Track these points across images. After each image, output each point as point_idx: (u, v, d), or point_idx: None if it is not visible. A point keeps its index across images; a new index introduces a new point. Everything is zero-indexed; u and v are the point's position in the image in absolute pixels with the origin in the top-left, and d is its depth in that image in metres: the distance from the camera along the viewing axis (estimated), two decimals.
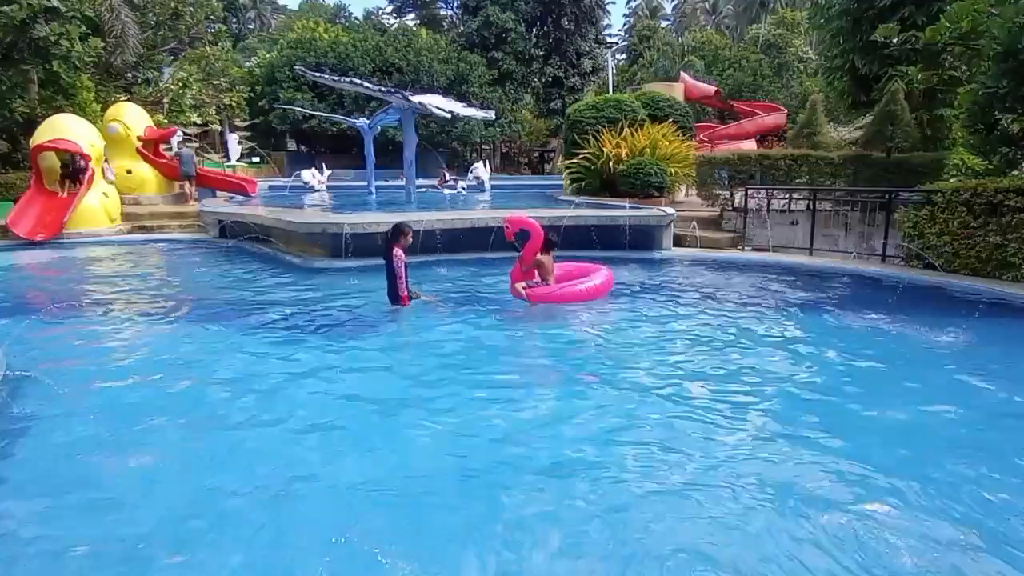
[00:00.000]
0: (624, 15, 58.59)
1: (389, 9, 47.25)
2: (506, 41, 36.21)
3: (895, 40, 11.21)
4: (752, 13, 48.59)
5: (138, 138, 16.43)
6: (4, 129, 16.72)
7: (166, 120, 22.07)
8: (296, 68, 22.84)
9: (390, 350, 5.93)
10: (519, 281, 7.57)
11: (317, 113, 27.69)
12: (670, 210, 11.75)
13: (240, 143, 27.21)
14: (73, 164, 13.94)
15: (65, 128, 13.86)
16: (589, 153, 15.36)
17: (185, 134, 23.49)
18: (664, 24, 54.34)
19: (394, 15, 46.58)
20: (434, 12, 46.31)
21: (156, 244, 13.36)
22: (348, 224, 9.85)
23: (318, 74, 18.37)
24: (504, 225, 7.78)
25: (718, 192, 13.27)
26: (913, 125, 13.00)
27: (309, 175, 21.69)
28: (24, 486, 3.58)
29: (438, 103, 15.58)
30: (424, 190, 19.54)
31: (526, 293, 7.44)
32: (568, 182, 16.73)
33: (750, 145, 21.80)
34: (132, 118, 16.48)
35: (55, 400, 4.67)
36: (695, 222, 12.30)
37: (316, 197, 18.84)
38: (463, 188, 21.38)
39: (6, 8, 14.73)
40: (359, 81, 16.54)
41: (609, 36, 48.46)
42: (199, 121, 25.44)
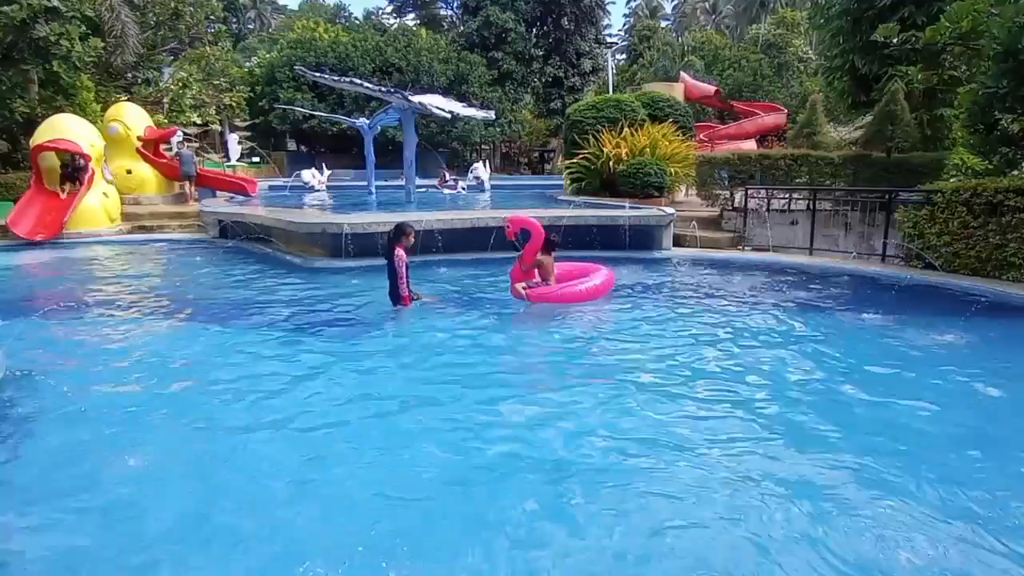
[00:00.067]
0: (624, 15, 58.70)
1: (389, 9, 47.29)
2: (506, 41, 36.21)
3: (895, 40, 11.21)
4: (752, 13, 48.58)
5: (138, 138, 16.43)
6: (4, 129, 16.72)
7: (166, 120, 22.07)
8: (296, 68, 22.84)
9: (391, 352, 5.91)
10: (519, 281, 7.57)
11: (317, 113, 27.68)
12: (670, 210, 11.75)
13: (240, 143, 27.20)
14: (73, 163, 13.94)
15: (65, 128, 13.86)
16: (589, 153, 15.35)
17: (185, 134, 23.50)
18: (664, 24, 54.36)
19: (394, 15, 46.60)
20: (434, 12, 46.31)
21: (156, 244, 13.35)
22: (348, 224, 9.86)
23: (318, 74, 18.36)
24: (505, 224, 7.78)
25: (718, 192, 13.27)
26: (913, 125, 13.00)
27: (309, 175, 21.68)
28: (24, 489, 3.54)
29: (438, 103, 15.57)
30: (424, 190, 19.54)
31: (526, 293, 7.45)
32: (568, 182, 16.73)
33: (750, 145, 21.80)
34: (132, 118, 16.47)
35: (55, 400, 4.67)
36: (695, 222, 12.30)
37: (316, 197, 18.84)
38: (463, 188, 21.38)
39: (6, 8, 14.74)
40: (359, 81, 16.53)
41: (609, 36, 48.51)
42: (199, 121, 25.43)
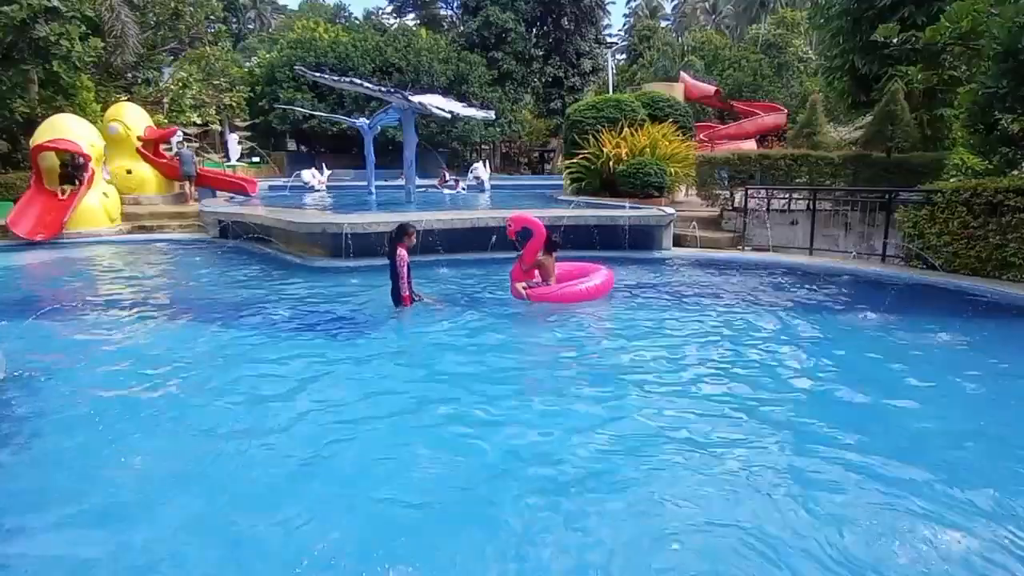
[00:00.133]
0: (624, 15, 58.70)
1: (389, 9, 47.30)
2: (506, 41, 36.21)
3: (895, 40, 11.21)
4: (752, 13, 48.59)
5: (138, 138, 16.44)
6: (4, 129, 16.72)
7: (166, 120, 22.07)
8: (296, 68, 22.82)
9: (391, 353, 5.89)
10: (519, 281, 7.57)
11: (317, 113, 27.68)
12: (670, 210, 11.75)
13: (240, 143, 27.19)
14: (72, 163, 13.94)
15: (65, 128, 13.86)
16: (589, 153, 15.36)
17: (185, 134, 23.49)
18: (664, 24, 54.37)
19: (394, 15, 46.61)
20: (434, 12, 46.32)
21: (156, 244, 13.35)
22: (348, 224, 9.86)
23: (318, 74, 18.34)
24: (507, 223, 7.77)
25: (718, 192, 13.27)
26: (913, 125, 13.00)
27: (309, 175, 21.70)
28: (24, 491, 3.51)
29: (438, 103, 15.56)
30: (424, 190, 19.53)
31: (527, 293, 7.44)
32: (568, 182, 16.73)
33: (750, 145, 21.80)
34: (132, 118, 16.48)
35: (55, 401, 4.67)
36: (695, 222, 12.31)
37: (316, 197, 18.84)
38: (463, 188, 21.38)
39: (6, 8, 14.74)
40: (359, 81, 16.52)
41: (609, 36, 48.53)
42: (199, 121, 25.43)
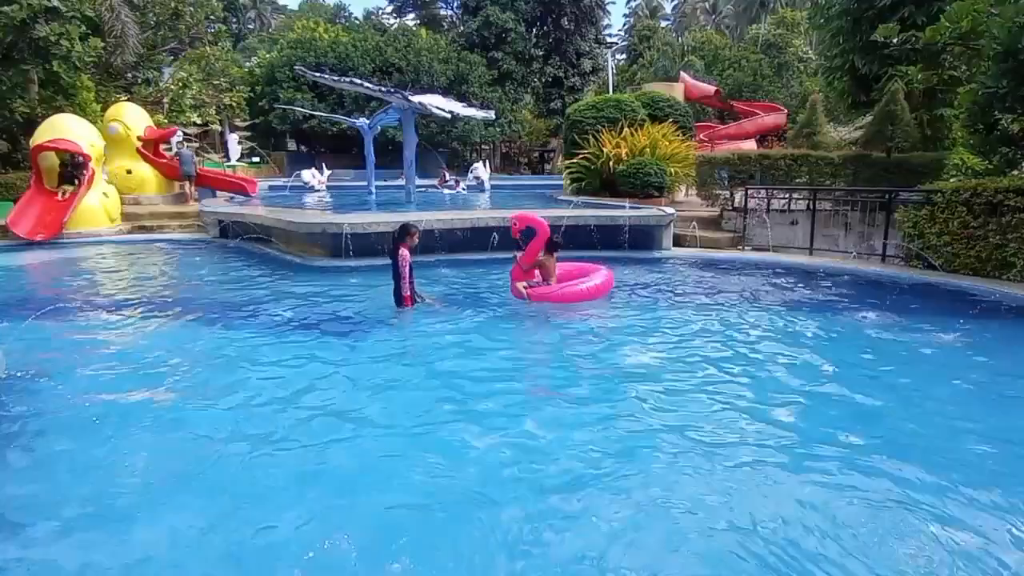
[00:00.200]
0: (624, 15, 58.71)
1: (389, 9, 47.29)
2: (506, 41, 36.20)
3: (895, 40, 11.21)
4: (752, 13, 48.59)
5: (138, 138, 16.44)
6: (4, 129, 16.72)
7: (166, 120, 22.06)
8: (296, 68, 22.82)
9: (392, 354, 5.87)
10: (519, 280, 7.57)
11: (317, 113, 27.67)
12: (670, 210, 11.75)
13: (240, 143, 27.19)
14: (72, 162, 13.94)
15: (65, 128, 13.86)
16: (589, 153, 15.36)
17: (185, 134, 23.49)
18: (664, 24, 54.37)
19: (394, 15, 46.60)
20: (434, 12, 46.30)
21: (156, 244, 13.35)
22: (348, 224, 9.87)
23: (318, 74, 18.35)
24: (511, 222, 7.77)
25: (718, 192, 13.27)
26: (913, 125, 13.00)
27: (309, 175, 21.70)
28: (23, 493, 3.47)
29: (438, 103, 15.56)
30: (424, 190, 19.53)
31: (527, 293, 7.45)
32: (568, 182, 16.73)
33: (750, 145, 21.80)
34: (132, 118, 16.48)
35: (55, 401, 4.66)
36: (695, 222, 12.31)
37: (316, 197, 18.84)
38: (463, 188, 21.38)
39: (6, 8, 14.74)
40: (359, 81, 16.52)
41: (609, 36, 48.51)
42: (199, 121, 25.43)
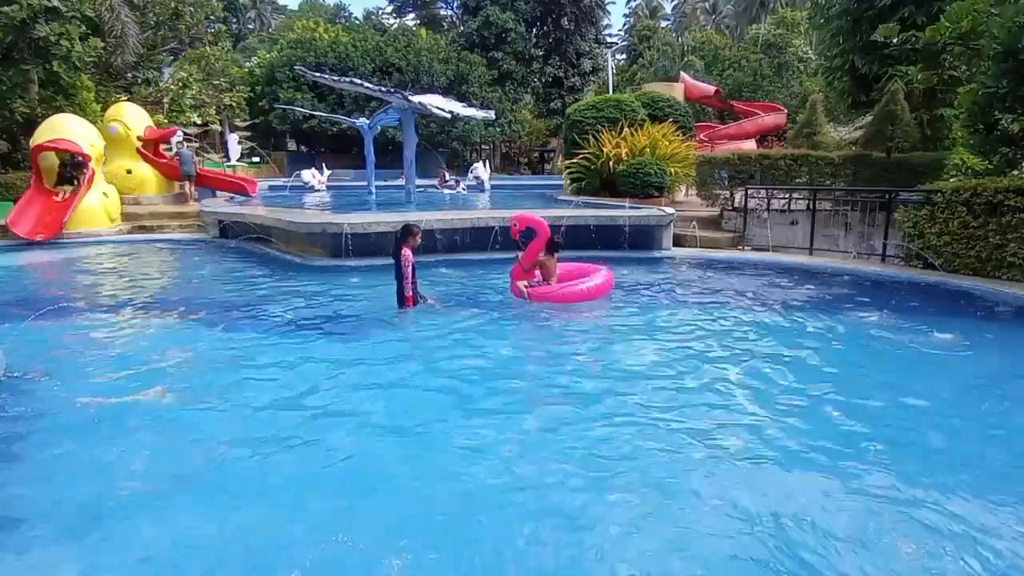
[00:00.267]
0: (624, 15, 58.71)
1: (389, 9, 47.29)
2: (506, 41, 36.20)
3: (895, 40, 11.21)
4: (752, 13, 48.58)
5: (138, 138, 16.43)
6: (4, 129, 16.72)
7: (166, 120, 22.06)
8: (296, 68, 22.83)
9: (393, 355, 5.83)
10: (520, 279, 7.57)
11: (317, 113, 27.67)
12: (670, 210, 11.75)
13: (240, 143, 27.17)
14: (72, 161, 13.93)
15: (65, 128, 13.85)
16: (589, 153, 15.36)
17: (185, 134, 23.48)
18: (664, 24, 54.35)
19: (394, 15, 46.59)
20: (434, 12, 46.30)
21: (156, 244, 13.36)
22: (348, 224, 9.87)
23: (318, 74, 18.35)
24: (512, 223, 7.77)
25: (718, 192, 13.27)
26: (913, 125, 13.00)
27: (309, 175, 21.70)
28: (21, 495, 3.44)
29: (438, 103, 15.56)
30: (424, 190, 19.53)
31: (528, 292, 7.45)
32: (568, 182, 16.73)
33: (750, 145, 21.80)
34: (132, 118, 16.47)
35: (55, 402, 4.66)
36: (695, 222, 12.31)
37: (316, 197, 18.84)
38: (463, 188, 21.39)
39: (6, 8, 14.74)
40: (359, 81, 16.52)
41: (609, 36, 48.50)
42: (199, 121, 25.42)
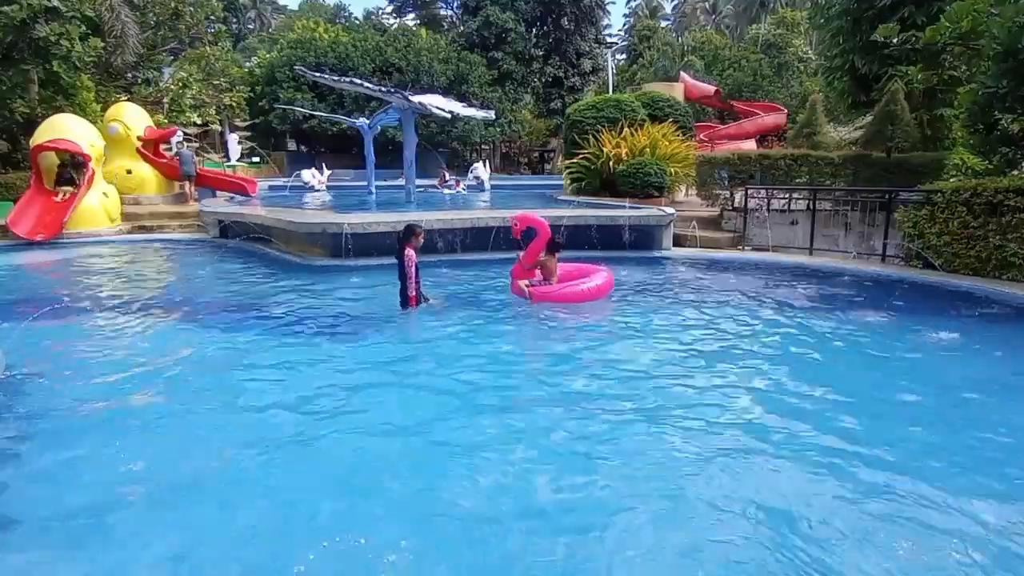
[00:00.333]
0: (624, 15, 58.69)
1: (389, 9, 47.27)
2: (506, 41, 36.19)
3: (895, 40, 11.21)
4: (752, 13, 48.59)
5: (138, 138, 16.43)
6: (4, 129, 16.71)
7: (166, 120, 22.06)
8: (296, 68, 22.81)
9: (394, 355, 5.83)
10: (520, 279, 7.57)
11: (317, 113, 27.67)
12: (670, 210, 11.75)
13: (240, 143, 27.17)
14: (72, 162, 13.92)
15: (65, 128, 13.85)
16: (589, 153, 15.36)
17: (185, 134, 23.48)
18: (664, 24, 54.35)
19: (394, 15, 46.57)
20: (434, 12, 46.29)
21: (156, 244, 13.36)
22: (348, 224, 9.87)
23: (318, 74, 18.34)
24: (512, 223, 7.76)
25: (718, 192, 13.27)
26: (913, 125, 12.99)
27: (309, 175, 21.70)
28: (23, 495, 3.44)
29: (438, 103, 15.56)
30: (424, 190, 19.54)
31: (529, 292, 7.45)
32: (568, 182, 16.73)
33: (750, 145, 21.80)
34: (132, 118, 16.47)
35: (55, 401, 4.66)
36: (695, 222, 12.31)
37: (316, 197, 18.84)
38: (463, 188, 21.39)
39: (6, 8, 14.73)
40: (359, 81, 16.51)
41: (609, 36, 48.47)
42: (199, 121, 25.42)
